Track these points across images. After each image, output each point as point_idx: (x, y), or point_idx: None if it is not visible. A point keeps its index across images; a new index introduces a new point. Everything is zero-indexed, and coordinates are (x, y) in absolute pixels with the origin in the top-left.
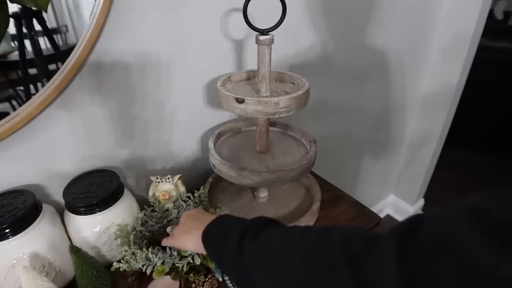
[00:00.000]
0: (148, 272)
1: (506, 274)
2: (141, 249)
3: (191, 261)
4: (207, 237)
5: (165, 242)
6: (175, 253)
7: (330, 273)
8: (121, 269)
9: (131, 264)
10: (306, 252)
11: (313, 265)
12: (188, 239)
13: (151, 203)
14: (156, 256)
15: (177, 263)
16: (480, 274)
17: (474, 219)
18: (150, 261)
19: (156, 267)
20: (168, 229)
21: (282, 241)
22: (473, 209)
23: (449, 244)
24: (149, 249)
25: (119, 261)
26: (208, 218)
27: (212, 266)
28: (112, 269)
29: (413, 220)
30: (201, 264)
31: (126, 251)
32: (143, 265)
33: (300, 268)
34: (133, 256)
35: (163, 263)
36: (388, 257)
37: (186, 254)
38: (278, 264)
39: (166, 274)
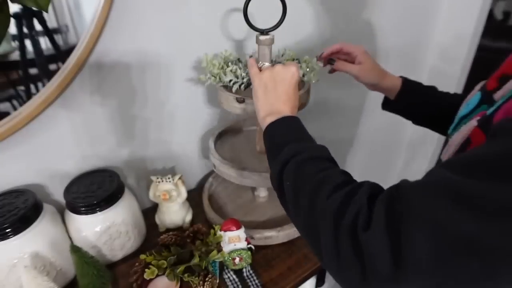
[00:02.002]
0: (234, 89)
1: (469, 231)
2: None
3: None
4: (268, 133)
5: (252, 71)
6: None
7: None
8: (206, 83)
9: (220, 78)
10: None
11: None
12: (258, 103)
13: None
14: (245, 72)
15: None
16: (451, 235)
17: (439, 191)
18: (238, 78)
19: (243, 85)
20: (260, 64)
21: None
22: (436, 183)
23: (424, 214)
24: (239, 65)
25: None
26: (282, 101)
27: (210, 267)
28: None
29: (392, 192)
30: (197, 264)
31: (214, 65)
32: (230, 81)
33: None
34: (222, 70)
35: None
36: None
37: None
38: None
39: (162, 274)
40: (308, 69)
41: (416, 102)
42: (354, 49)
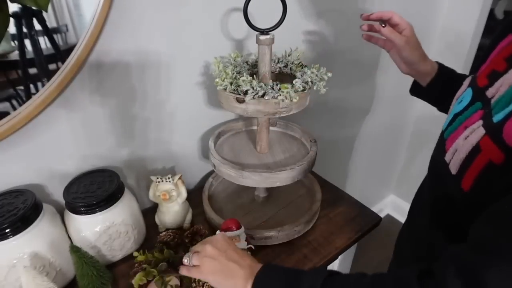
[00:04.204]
0: (248, 98)
1: None
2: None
3: None
4: None
5: (185, 272)
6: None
7: None
8: (225, 89)
9: (239, 85)
10: None
11: None
12: (226, 284)
13: None
14: (259, 85)
15: None
16: None
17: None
18: (254, 89)
19: (257, 95)
20: (185, 260)
21: None
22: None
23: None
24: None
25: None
26: (247, 263)
27: None
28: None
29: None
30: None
31: (227, 73)
32: (246, 91)
33: None
34: (235, 80)
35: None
36: None
37: None
38: None
39: (150, 280)
40: (317, 77)
41: (448, 90)
42: (403, 22)
